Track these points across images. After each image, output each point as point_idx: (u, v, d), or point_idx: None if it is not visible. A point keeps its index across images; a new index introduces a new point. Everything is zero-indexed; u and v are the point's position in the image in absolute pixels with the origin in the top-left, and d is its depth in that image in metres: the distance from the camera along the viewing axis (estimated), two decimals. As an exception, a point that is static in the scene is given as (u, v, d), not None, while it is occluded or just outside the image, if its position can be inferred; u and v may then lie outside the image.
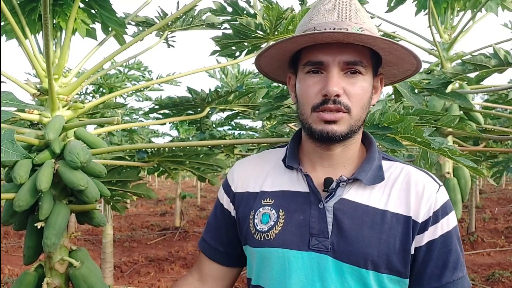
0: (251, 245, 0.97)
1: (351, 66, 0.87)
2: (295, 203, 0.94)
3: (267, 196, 0.97)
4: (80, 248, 1.59)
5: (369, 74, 0.91)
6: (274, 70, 1.05)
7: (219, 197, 1.08)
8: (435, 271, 0.89)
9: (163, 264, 6.26)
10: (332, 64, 0.87)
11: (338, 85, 0.86)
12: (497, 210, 11.12)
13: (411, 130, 1.38)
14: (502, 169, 3.55)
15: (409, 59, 0.93)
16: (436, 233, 0.89)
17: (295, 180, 0.97)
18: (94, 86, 4.35)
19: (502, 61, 2.10)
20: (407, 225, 0.88)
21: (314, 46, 0.89)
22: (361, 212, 0.89)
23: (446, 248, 0.89)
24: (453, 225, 0.91)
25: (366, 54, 0.89)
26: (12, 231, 8.27)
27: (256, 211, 0.97)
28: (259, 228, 0.95)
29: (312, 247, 0.90)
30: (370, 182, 0.91)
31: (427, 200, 0.89)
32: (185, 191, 14.14)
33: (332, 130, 0.87)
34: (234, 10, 1.92)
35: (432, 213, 0.89)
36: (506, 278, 5.31)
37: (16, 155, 0.80)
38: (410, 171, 0.94)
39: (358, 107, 0.88)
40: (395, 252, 0.87)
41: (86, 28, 1.71)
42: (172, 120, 2.61)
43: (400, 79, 1.05)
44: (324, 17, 0.89)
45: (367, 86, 0.90)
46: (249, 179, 1.02)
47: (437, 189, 0.92)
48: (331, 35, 0.84)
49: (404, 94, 1.82)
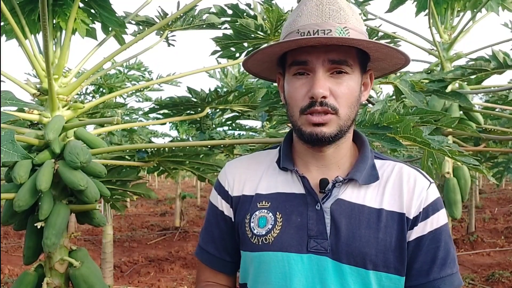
0: (247, 250, 0.95)
1: (337, 66, 0.87)
2: (292, 205, 0.93)
3: (262, 199, 0.96)
4: (80, 248, 1.59)
5: (356, 72, 0.90)
6: (263, 71, 1.04)
7: (215, 203, 1.03)
8: (423, 267, 0.89)
9: (163, 264, 6.26)
10: (317, 64, 0.87)
11: (323, 87, 0.85)
12: (497, 210, 11.12)
13: (410, 130, 1.38)
14: (502, 170, 3.55)
15: (396, 54, 0.92)
16: (425, 229, 0.89)
17: (290, 182, 0.96)
18: (94, 86, 4.35)
19: (501, 64, 2.10)
20: (401, 222, 0.89)
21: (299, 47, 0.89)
22: (357, 212, 0.89)
23: (434, 245, 0.89)
24: (443, 222, 0.91)
25: (351, 53, 0.88)
26: (12, 231, 8.26)
27: (252, 215, 0.95)
28: (256, 232, 0.93)
29: (311, 249, 0.89)
30: (365, 181, 0.92)
31: (418, 196, 0.90)
32: (185, 191, 14.14)
33: (322, 132, 0.87)
34: (235, 13, 1.92)
35: (422, 209, 0.89)
36: (506, 278, 5.31)
37: (17, 155, 0.80)
38: (402, 168, 0.94)
39: (345, 107, 0.88)
40: (392, 249, 0.88)
41: (86, 28, 1.71)
42: (172, 120, 2.61)
43: (390, 71, 1.04)
44: (307, 19, 0.88)
45: (354, 85, 0.89)
46: (244, 182, 1.00)
47: (428, 185, 0.92)
48: (314, 39, 0.84)
49: (405, 92, 1.82)
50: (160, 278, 5.69)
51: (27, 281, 1.48)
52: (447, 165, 2.73)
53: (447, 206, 2.65)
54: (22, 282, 1.48)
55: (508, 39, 2.69)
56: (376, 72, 1.02)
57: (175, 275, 5.85)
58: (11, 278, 5.37)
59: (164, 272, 5.98)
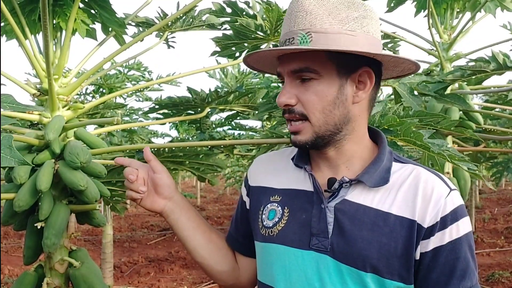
0: (258, 240, 1.00)
1: (300, 74, 0.88)
2: (299, 202, 0.95)
3: (275, 193, 0.99)
4: (80, 248, 1.59)
5: (329, 75, 0.88)
6: (266, 65, 1.05)
7: (242, 191, 1.13)
8: (441, 278, 0.86)
9: (163, 264, 6.26)
10: (285, 75, 0.91)
11: (286, 95, 0.89)
12: (496, 211, 11.12)
13: (411, 133, 1.38)
14: (502, 170, 3.55)
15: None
16: (443, 240, 0.86)
17: (302, 179, 0.98)
18: (94, 86, 4.35)
19: (501, 65, 2.10)
20: (411, 229, 0.86)
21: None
22: (362, 214, 0.88)
23: (454, 256, 0.86)
24: (464, 232, 0.87)
25: (320, 56, 0.87)
26: (12, 231, 8.26)
27: (265, 207, 0.99)
28: (265, 223, 0.97)
29: (312, 247, 0.90)
30: (374, 184, 0.89)
31: (435, 204, 0.86)
32: (185, 191, 14.15)
33: (298, 140, 0.91)
34: (233, 11, 1.92)
35: (440, 218, 0.85)
36: (506, 278, 5.31)
37: (14, 161, 0.81)
38: (420, 173, 0.90)
39: (316, 112, 0.88)
40: (397, 256, 0.85)
41: (86, 28, 1.71)
42: (172, 120, 2.62)
43: (403, 69, 1.00)
44: (284, 28, 0.92)
45: (323, 89, 0.87)
46: (263, 175, 1.05)
47: (447, 193, 0.88)
48: (270, 52, 0.90)
49: (403, 96, 1.82)
50: (160, 278, 5.70)
51: (27, 281, 1.48)
52: (447, 165, 2.73)
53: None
54: (22, 282, 1.48)
55: (507, 39, 2.70)
56: (387, 70, 0.98)
57: (175, 276, 5.86)
58: (11, 278, 5.37)
59: (164, 272, 5.98)
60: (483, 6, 2.51)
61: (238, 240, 1.11)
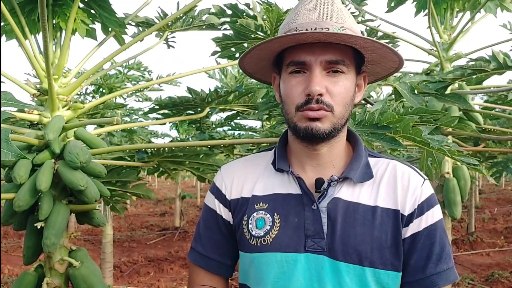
0: (246, 251, 0.96)
1: (333, 65, 0.88)
2: (289, 206, 0.94)
3: (260, 201, 0.96)
4: (80, 248, 1.59)
5: (352, 73, 0.91)
6: (259, 71, 1.05)
7: (213, 207, 1.02)
8: (419, 262, 0.90)
9: (162, 264, 6.26)
10: (315, 63, 0.88)
11: (320, 85, 0.86)
12: (496, 210, 11.12)
13: (410, 129, 1.38)
14: (501, 169, 3.56)
15: (391, 57, 0.93)
16: (420, 226, 0.90)
17: (286, 183, 0.97)
18: (94, 86, 4.35)
19: (501, 65, 2.10)
20: (396, 218, 0.90)
21: (297, 46, 0.89)
22: (352, 210, 0.91)
23: (429, 241, 0.90)
24: (437, 218, 0.92)
25: (348, 53, 0.90)
26: (12, 231, 8.26)
27: (250, 216, 0.95)
28: (255, 233, 0.94)
29: (308, 249, 0.90)
30: (360, 180, 0.93)
31: (413, 193, 0.91)
32: (185, 191, 14.14)
33: (317, 127, 0.88)
34: (234, 13, 1.93)
35: (417, 206, 0.90)
36: (506, 278, 5.31)
37: (11, 154, 0.80)
38: (396, 165, 0.95)
39: (340, 106, 0.89)
40: (387, 246, 0.89)
41: (85, 28, 1.71)
42: (172, 120, 2.62)
43: (383, 76, 1.05)
44: (306, 17, 0.89)
45: (349, 84, 0.90)
46: (242, 184, 1.00)
47: (422, 182, 0.93)
48: (312, 35, 0.85)
49: (403, 94, 1.82)
50: (160, 278, 5.69)
51: (27, 281, 1.48)
52: (447, 165, 2.73)
53: (447, 206, 2.65)
54: (22, 282, 1.48)
55: (507, 39, 2.70)
56: (369, 77, 1.03)
57: (174, 275, 5.85)
58: (11, 278, 5.37)
59: (164, 272, 5.98)
60: (483, 6, 2.51)
61: (227, 264, 1.03)
